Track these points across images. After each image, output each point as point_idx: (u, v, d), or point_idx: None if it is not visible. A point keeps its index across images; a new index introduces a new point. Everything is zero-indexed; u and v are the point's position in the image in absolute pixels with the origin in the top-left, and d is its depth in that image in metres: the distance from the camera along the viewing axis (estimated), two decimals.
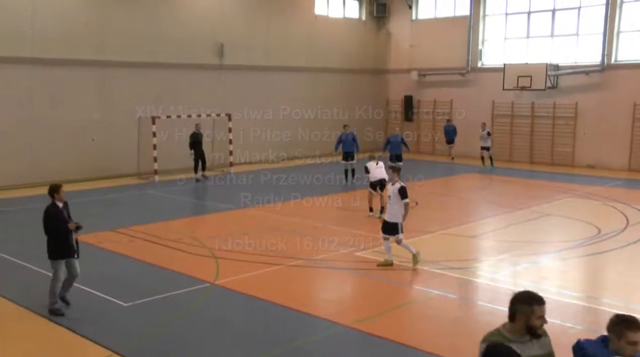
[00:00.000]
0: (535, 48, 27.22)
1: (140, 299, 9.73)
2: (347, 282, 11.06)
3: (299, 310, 9.30)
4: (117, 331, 8.59)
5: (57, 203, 9.24)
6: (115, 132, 22.45)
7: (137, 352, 7.94)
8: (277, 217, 15.97)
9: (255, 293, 10.01)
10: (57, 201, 9.24)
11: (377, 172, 16.04)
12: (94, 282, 10.52)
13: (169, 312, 9.24)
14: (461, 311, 9.61)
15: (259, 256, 12.16)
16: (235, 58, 25.64)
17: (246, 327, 8.78)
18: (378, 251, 12.46)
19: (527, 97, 27.18)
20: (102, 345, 8.07)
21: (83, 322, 8.84)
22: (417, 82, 31.04)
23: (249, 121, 26.02)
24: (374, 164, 16.16)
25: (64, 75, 21.22)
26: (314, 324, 8.91)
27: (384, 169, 16.11)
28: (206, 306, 9.60)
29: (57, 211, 9.19)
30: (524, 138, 27.74)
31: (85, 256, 12.38)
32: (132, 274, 11.29)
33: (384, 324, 8.82)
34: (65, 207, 9.34)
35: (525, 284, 10.64)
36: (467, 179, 23.27)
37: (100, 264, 11.85)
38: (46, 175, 20.82)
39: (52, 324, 8.80)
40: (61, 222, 9.13)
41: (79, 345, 8.17)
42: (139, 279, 10.93)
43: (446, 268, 11.43)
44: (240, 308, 9.49)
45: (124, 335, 8.46)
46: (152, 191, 19.99)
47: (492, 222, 15.71)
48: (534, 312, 4.22)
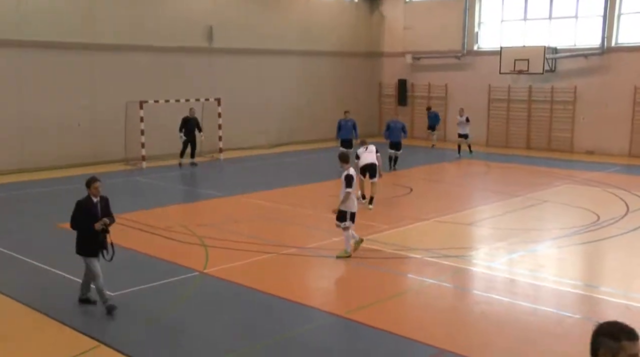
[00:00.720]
0: (533, 30, 27.14)
1: (128, 288, 9.71)
2: (339, 271, 11.05)
3: (290, 299, 9.30)
4: (104, 321, 8.57)
5: (92, 198, 8.73)
6: (101, 117, 22.31)
7: (124, 342, 7.92)
8: (268, 204, 15.94)
9: (245, 282, 10.00)
10: (92, 195, 8.73)
11: (367, 157, 15.75)
12: (80, 271, 10.46)
13: (157, 301, 9.22)
14: (456, 300, 9.63)
15: (249, 244, 12.14)
16: (225, 41, 25.47)
17: (235, 317, 8.77)
18: (372, 239, 12.46)
19: (525, 81, 27.16)
20: (88, 335, 8.04)
21: (68, 312, 8.81)
22: (411, 66, 30.96)
23: (239, 106, 25.92)
24: (363, 150, 15.88)
25: (50, 58, 21.02)
26: (305, 313, 8.91)
27: (375, 153, 15.88)
28: (195, 295, 9.57)
29: (87, 206, 8.71)
30: (521, 123, 27.75)
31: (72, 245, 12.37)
32: (119, 262, 11.20)
33: (377, 314, 8.83)
34: (102, 203, 8.80)
35: (522, 272, 10.69)
36: (462, 165, 23.28)
37: None
38: (31, 162, 20.78)
39: (36, 313, 8.77)
40: (88, 218, 8.65)
41: (64, 335, 8.14)
42: (126, 268, 10.87)
43: (441, 256, 11.44)
44: (229, 297, 9.48)
45: (111, 325, 8.44)
46: (140, 178, 19.91)
47: (488, 209, 15.72)
48: (624, 349, 3.30)
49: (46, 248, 12.11)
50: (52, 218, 14.21)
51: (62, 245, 12.37)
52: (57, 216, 14.44)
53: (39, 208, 15.65)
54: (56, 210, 15.27)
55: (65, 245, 12.29)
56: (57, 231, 13.28)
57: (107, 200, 8.96)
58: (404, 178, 19.58)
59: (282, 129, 28.16)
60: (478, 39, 29.09)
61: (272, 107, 27.59)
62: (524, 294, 9.67)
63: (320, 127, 28.93)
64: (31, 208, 15.67)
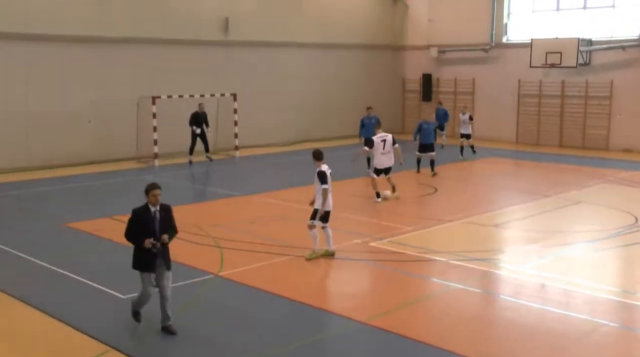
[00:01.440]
0: (566, 21, 26.87)
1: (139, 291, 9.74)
2: (360, 275, 11.04)
3: (310, 304, 9.29)
4: (114, 325, 8.62)
5: (150, 206, 8.13)
6: (112, 114, 22.49)
7: (136, 347, 7.97)
8: (286, 204, 15.95)
9: (262, 286, 10.01)
10: (150, 203, 8.13)
11: (384, 160, 15.91)
12: (89, 272, 10.57)
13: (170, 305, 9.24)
14: (483, 305, 9.57)
15: (266, 246, 12.15)
16: (242, 33, 25.54)
17: (252, 322, 8.78)
18: (395, 241, 12.43)
19: (557, 75, 26.90)
20: (98, 339, 8.10)
21: (78, 316, 8.87)
22: (436, 60, 30.81)
23: (256, 101, 25.98)
24: (380, 144, 15.93)
25: (58, 52, 21.23)
26: (326, 319, 8.89)
27: (392, 153, 16.00)
28: (209, 298, 9.61)
29: (143, 215, 8.12)
30: (553, 120, 27.49)
31: (80, 245, 12.49)
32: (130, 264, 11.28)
33: (400, 320, 8.79)
34: (161, 214, 8.16)
35: (554, 276, 10.58)
36: (490, 163, 23.13)
37: (97, 254, 11.91)
38: (38, 160, 20.99)
39: (46, 317, 8.85)
40: (144, 229, 8.06)
41: (74, 339, 8.20)
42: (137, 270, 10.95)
43: (467, 259, 11.37)
44: (245, 302, 9.49)
45: (121, 329, 8.49)
46: (152, 176, 20.02)
47: (517, 210, 15.60)
48: None
49: (53, 248, 12.23)
50: (60, 218, 14.35)
51: (68, 245, 12.51)
52: (65, 215, 14.62)
53: (46, 207, 15.80)
54: (64, 209, 15.46)
55: (71, 245, 12.47)
56: (64, 230, 13.42)
57: (169, 209, 8.30)
58: (428, 177, 19.48)
59: (300, 125, 28.17)
60: (507, 30, 28.88)
61: (290, 103, 27.61)
62: (555, 300, 9.58)
63: (340, 123, 28.89)
64: (38, 207, 15.84)
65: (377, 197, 15.96)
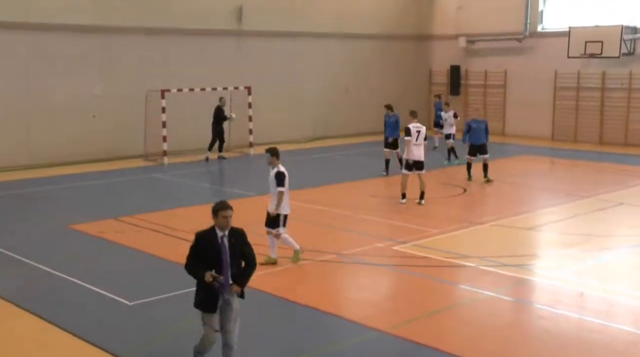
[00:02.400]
0: (608, 7, 26.61)
1: (147, 298, 9.81)
2: (382, 281, 11.01)
3: (328, 312, 9.29)
4: (120, 334, 8.67)
5: (217, 230, 6.93)
6: (119, 108, 22.65)
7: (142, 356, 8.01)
8: (302, 205, 15.95)
9: (278, 292, 10.02)
10: (218, 226, 6.92)
11: (416, 151, 15.79)
12: (94, 277, 10.64)
13: (179, 312, 9.27)
14: (515, 314, 9.51)
15: (281, 250, 12.15)
16: (256, 23, 25.60)
17: (267, 330, 8.79)
18: (420, 245, 12.39)
19: (597, 66, 26.68)
20: (103, 349, 8.14)
21: (82, 324, 8.93)
22: (465, 50, 30.68)
23: (271, 95, 26.03)
24: (415, 134, 15.73)
25: (62, 43, 21.43)
26: (344, 328, 8.88)
27: (423, 145, 15.90)
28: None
29: (208, 241, 6.91)
30: (593, 114, 27.24)
31: (85, 248, 12.59)
32: (137, 268, 11.39)
33: (425, 330, 8.76)
34: (231, 240, 6.94)
35: (593, 284, 10.48)
36: (523, 161, 23.00)
37: (102, 257, 11.99)
38: (40, 157, 21.18)
39: (49, 325, 8.91)
40: (208, 259, 6.86)
41: (78, 349, 8.26)
42: (145, 275, 11.02)
43: (498, 265, 11.31)
44: (260, 309, 9.50)
45: (128, 338, 8.53)
46: (161, 175, 20.15)
47: (552, 212, 15.49)
48: None
49: (55, 251, 12.34)
50: (63, 219, 14.47)
51: (72, 248, 12.61)
52: (68, 216, 14.74)
53: (49, 208, 15.96)
54: (67, 210, 15.59)
55: (75, 248, 12.56)
56: (67, 232, 13.53)
57: (242, 235, 7.07)
58: (456, 176, 19.41)
59: (318, 121, 28.18)
60: (543, 18, 28.69)
61: (307, 97, 27.63)
62: (594, 310, 9.49)
63: (362, 119, 28.88)
64: (40, 208, 15.99)
65: (402, 198, 15.89)
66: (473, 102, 30.58)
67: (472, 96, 30.75)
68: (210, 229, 6.97)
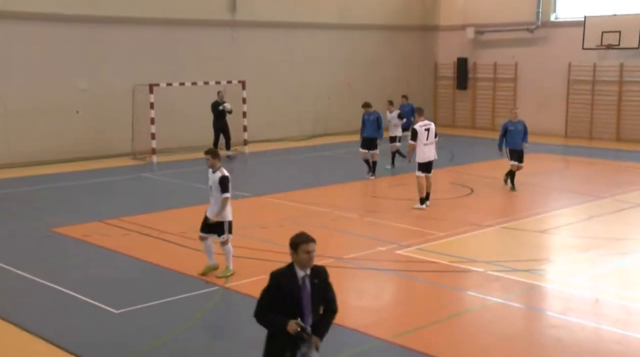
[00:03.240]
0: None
1: (135, 305, 9.81)
2: (385, 287, 11.04)
3: None
4: (105, 344, 8.66)
5: (297, 270, 6.00)
6: (104, 104, 22.65)
7: None
8: (300, 206, 15.97)
9: None
10: (298, 264, 5.99)
11: (429, 151, 15.71)
12: (78, 284, 10.64)
13: (169, 321, 9.30)
14: (526, 323, 9.53)
15: (278, 254, 12.15)
16: (251, 13, 25.61)
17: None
18: (425, 249, 12.40)
19: (615, 57, 26.69)
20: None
21: (65, 333, 8.94)
22: (473, 42, 30.70)
23: (267, 90, 26.04)
24: (424, 133, 15.55)
25: (42, 33, 21.41)
26: (344, 336, 8.88)
27: (434, 146, 15.83)
28: (214, 314, 9.65)
29: (286, 283, 6.01)
30: (609, 110, 27.26)
31: (68, 252, 12.59)
32: (124, 274, 11.39)
33: (430, 339, 8.77)
34: (313, 280, 6.03)
35: (609, 290, 10.49)
36: (534, 160, 22.98)
37: (87, 263, 11.99)
38: (19, 155, 21.13)
39: (29, 335, 8.91)
40: (286, 306, 5.97)
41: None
42: (132, 281, 11.02)
43: (508, 270, 11.33)
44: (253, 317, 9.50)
45: (113, 349, 8.53)
46: (149, 174, 20.15)
47: (566, 213, 15.53)
48: None
49: (36, 256, 12.33)
50: (45, 222, 14.46)
51: (54, 252, 12.60)
52: (50, 219, 14.73)
53: (29, 210, 15.93)
54: (49, 212, 15.58)
55: (57, 252, 12.55)
56: (49, 235, 13.53)
57: (326, 275, 6.18)
58: (463, 176, 19.43)
59: (318, 117, 28.20)
60: (556, 7, 28.72)
61: (307, 92, 27.65)
62: (611, 318, 9.50)
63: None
64: (20, 210, 15.96)
65: (420, 203, 15.59)
66: (481, 96, 30.63)
67: (481, 90, 30.76)
68: (288, 267, 6.03)
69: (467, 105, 31.11)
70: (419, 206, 15.59)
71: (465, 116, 31.16)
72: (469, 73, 31.08)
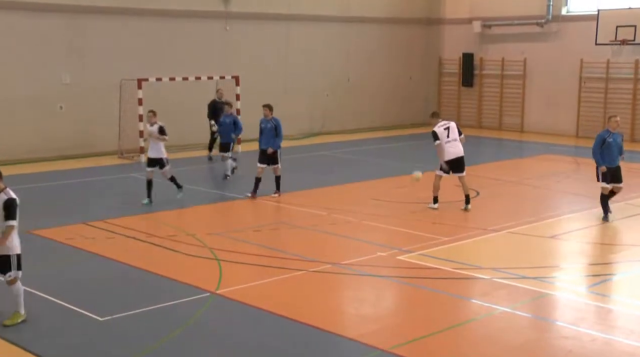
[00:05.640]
0: None
1: (120, 313, 9.79)
2: (386, 294, 11.03)
3: (324, 329, 9.29)
4: (90, 353, 8.65)
5: None
6: (89, 99, 22.64)
7: None
8: (297, 209, 15.97)
9: (268, 306, 10.02)
10: None
11: (451, 148, 15.68)
12: (60, 290, 10.62)
13: (157, 329, 9.29)
14: (535, 333, 9.52)
15: (272, 259, 12.17)
16: (246, 4, 25.61)
17: (256, 349, 8.80)
18: (427, 255, 12.39)
19: (630, 53, 26.75)
20: None
21: (47, 342, 8.92)
22: (480, 36, 30.73)
23: (262, 86, 26.01)
24: (444, 133, 15.56)
25: (23, 24, 21.39)
26: (342, 346, 8.89)
27: (459, 142, 15.79)
28: (205, 321, 9.63)
29: None
30: (624, 108, 27.26)
31: (50, 256, 12.57)
32: (109, 280, 11.37)
33: (433, 349, 8.77)
34: None
35: (622, 300, 10.50)
36: (544, 161, 23.04)
37: (70, 267, 11.98)
38: (2, 153, 21.09)
39: (9, 345, 8.89)
40: None
41: None
42: (118, 287, 11.00)
43: (515, 277, 11.33)
44: (248, 325, 9.51)
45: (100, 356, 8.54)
46: (137, 174, 20.10)
47: (577, 218, 15.53)
48: None
49: None
50: (25, 223, 14.30)
51: (35, 256, 12.54)
52: (31, 220, 14.64)
53: None
54: (30, 213, 15.44)
55: (38, 256, 12.51)
56: (30, 238, 13.46)
57: None
58: (468, 178, 19.38)
59: (315, 115, 28.21)
60: (568, 0, 28.72)
61: (304, 88, 27.65)
62: (625, 329, 9.49)
63: (364, 113, 28.89)
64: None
65: (434, 202, 15.82)
66: (488, 94, 30.64)
67: (487, 88, 30.79)
68: None
69: (472, 103, 31.13)
70: (432, 205, 15.77)
71: (471, 115, 31.19)
72: (475, 69, 31.09)
